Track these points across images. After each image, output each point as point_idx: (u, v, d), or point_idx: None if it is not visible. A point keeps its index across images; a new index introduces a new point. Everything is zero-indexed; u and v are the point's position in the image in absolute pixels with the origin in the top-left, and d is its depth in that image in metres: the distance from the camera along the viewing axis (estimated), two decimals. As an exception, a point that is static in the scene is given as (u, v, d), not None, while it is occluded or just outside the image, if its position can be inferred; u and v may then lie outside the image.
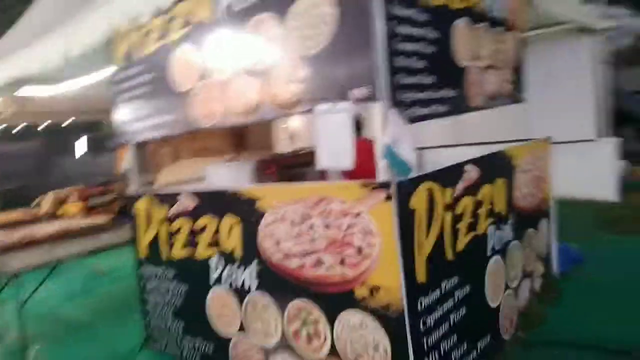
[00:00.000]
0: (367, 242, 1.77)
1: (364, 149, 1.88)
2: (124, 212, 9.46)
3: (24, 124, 9.92)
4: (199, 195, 2.61)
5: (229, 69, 2.31)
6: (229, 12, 2.25)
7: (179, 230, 2.75)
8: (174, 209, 2.75)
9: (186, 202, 2.68)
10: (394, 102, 1.74)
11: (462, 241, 2.07)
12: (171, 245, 2.82)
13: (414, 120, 1.84)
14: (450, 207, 1.99)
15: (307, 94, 1.96)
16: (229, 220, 2.42)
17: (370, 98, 1.75)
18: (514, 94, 3.01)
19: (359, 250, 1.81)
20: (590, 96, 5.49)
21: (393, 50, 1.76)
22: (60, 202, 9.24)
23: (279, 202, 2.12)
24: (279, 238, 2.15)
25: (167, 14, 2.60)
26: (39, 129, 11.59)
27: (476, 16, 2.51)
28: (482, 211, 2.26)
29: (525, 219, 2.77)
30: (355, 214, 1.80)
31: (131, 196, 3.14)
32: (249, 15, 2.16)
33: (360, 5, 1.75)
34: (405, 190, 1.72)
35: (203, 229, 2.58)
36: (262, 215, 2.22)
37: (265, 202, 2.20)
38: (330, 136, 1.86)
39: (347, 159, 1.81)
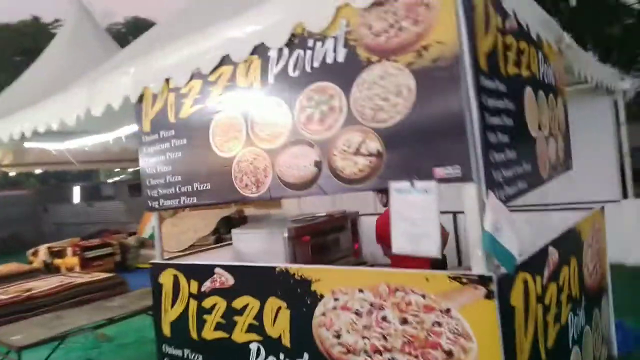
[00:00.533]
0: (460, 346, 1.52)
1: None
2: (120, 265, 9.06)
3: (18, 171, 9.71)
4: (238, 270, 2.36)
5: (281, 137, 2.13)
6: (283, 77, 2.09)
7: (212, 308, 2.47)
8: (208, 285, 2.48)
9: (222, 278, 2.42)
10: (490, 183, 1.55)
11: (552, 336, 1.83)
12: (202, 325, 2.53)
13: (506, 201, 1.64)
14: (540, 298, 1.76)
15: (377, 170, 1.77)
16: (274, 302, 2.15)
17: (461, 178, 1.55)
18: (567, 161, 2.87)
19: (449, 355, 1.55)
20: (613, 156, 5.41)
21: (486, 124, 1.59)
22: (55, 254, 8.86)
23: (341, 286, 1.87)
24: (339, 329, 1.88)
25: (207, 77, 2.44)
26: (35, 173, 11.34)
27: (536, 84, 2.39)
28: (563, 297, 2.03)
29: (592, 299, 2.54)
30: (443, 311, 1.56)
31: (155, 264, 2.86)
32: (307, 82, 2.00)
33: (446, 77, 1.59)
34: (506, 285, 1.50)
35: (242, 310, 2.31)
36: (317, 299, 1.97)
37: (322, 284, 1.95)
38: (409, 218, 1.65)
39: (433, 245, 1.59)
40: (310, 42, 1.97)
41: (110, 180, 17.08)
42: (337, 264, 3.34)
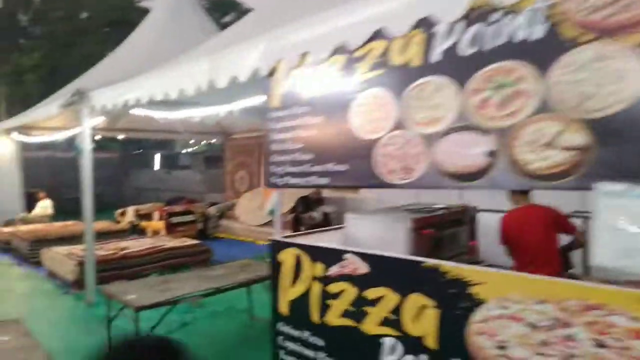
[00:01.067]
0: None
1: None
2: (201, 233, 9.36)
3: (107, 135, 10.29)
4: (374, 259, 2.22)
5: (442, 122, 1.94)
6: (453, 54, 1.89)
7: (339, 294, 2.37)
8: (336, 269, 2.38)
9: (353, 265, 2.31)
10: None
11: None
12: (324, 309, 2.45)
13: None
14: None
15: (579, 167, 1.53)
16: (418, 299, 2.00)
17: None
18: None
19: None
20: None
21: None
22: (142, 216, 9.34)
23: (513, 294, 1.68)
24: (504, 340, 1.70)
25: (352, 53, 2.29)
26: (118, 138, 12.00)
27: None
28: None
29: None
30: (663, 340, 1.33)
31: (275, 242, 2.81)
32: (485, 61, 1.78)
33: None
34: None
35: (375, 301, 2.18)
36: (476, 304, 1.79)
37: (485, 289, 1.77)
38: (622, 228, 1.41)
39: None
40: (494, 16, 1.75)
41: (185, 151, 17.74)
42: (452, 261, 3.13)
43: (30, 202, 10.02)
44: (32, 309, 5.06)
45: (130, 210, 9.40)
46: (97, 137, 9.22)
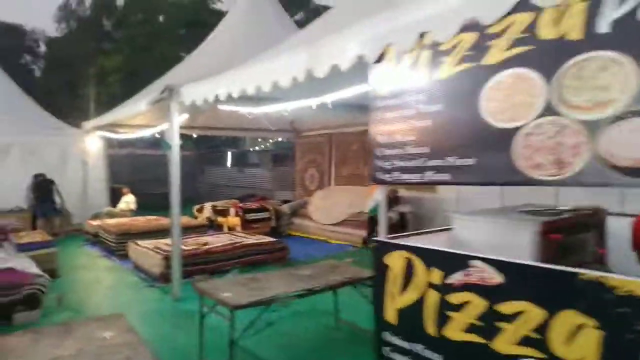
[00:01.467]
0: None
1: None
2: (274, 231, 9.37)
3: (185, 133, 10.58)
4: (512, 268, 1.92)
5: (613, 105, 1.60)
6: (629, 24, 1.55)
7: (462, 306, 2.10)
8: (460, 277, 2.10)
9: (483, 273, 2.02)
10: None
11: None
12: (443, 321, 2.18)
13: None
14: None
15: None
16: (573, 317, 1.68)
17: None
18: None
19: None
20: None
21: None
22: (219, 212, 9.52)
23: None
24: None
25: (486, 28, 1.99)
26: (193, 136, 12.39)
27: None
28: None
29: None
30: None
31: (380, 243, 2.58)
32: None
33: None
34: None
35: (512, 317, 1.88)
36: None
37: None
38: None
39: None
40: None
41: (253, 149, 18.05)
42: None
43: (114, 197, 10.57)
44: (121, 302, 5.22)
45: (208, 206, 9.60)
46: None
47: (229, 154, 16.70)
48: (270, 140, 15.80)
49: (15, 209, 8.69)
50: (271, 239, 6.93)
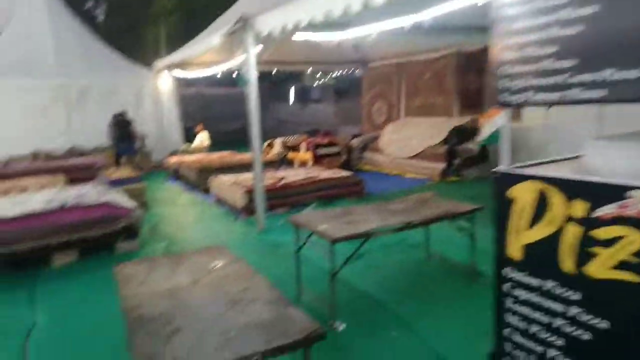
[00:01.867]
0: None
1: None
2: (344, 166, 9.27)
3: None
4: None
5: None
6: None
7: (612, 241, 1.85)
8: (612, 210, 1.84)
9: (645, 205, 1.75)
10: None
11: None
12: (584, 258, 1.96)
13: None
14: None
15: None
16: None
17: None
18: None
19: None
20: None
21: None
22: (289, 147, 9.52)
23: None
24: None
25: None
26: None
27: None
28: None
29: None
30: None
31: (503, 175, 2.33)
32: None
33: None
34: None
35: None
36: None
37: None
38: None
39: None
40: None
41: (315, 84, 17.69)
42: None
43: (188, 135, 10.85)
44: (211, 233, 5.43)
45: (278, 142, 9.62)
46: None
47: (292, 89, 16.50)
48: (332, 75, 15.34)
49: (98, 148, 9.17)
50: (346, 173, 6.83)
